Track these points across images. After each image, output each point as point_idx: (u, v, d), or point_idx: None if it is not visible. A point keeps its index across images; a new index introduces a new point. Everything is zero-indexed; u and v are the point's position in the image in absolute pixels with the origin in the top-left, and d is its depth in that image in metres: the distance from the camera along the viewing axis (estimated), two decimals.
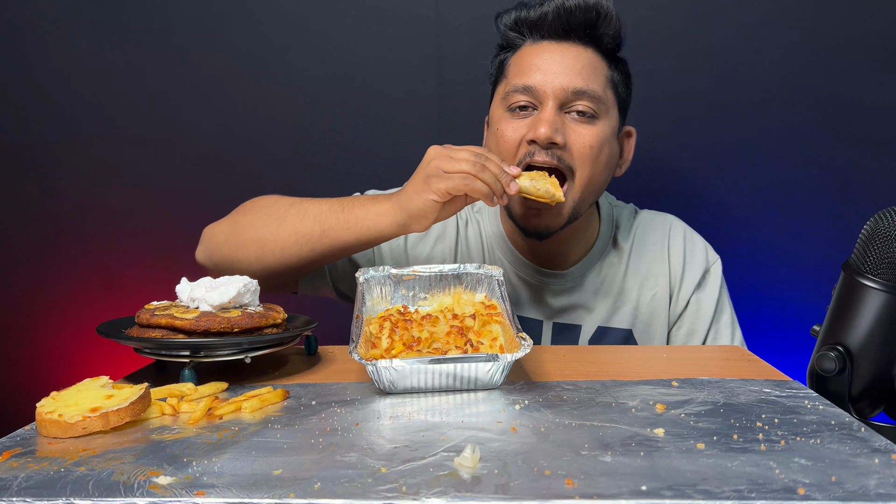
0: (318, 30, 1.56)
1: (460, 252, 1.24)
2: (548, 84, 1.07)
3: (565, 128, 1.07)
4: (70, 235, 1.62)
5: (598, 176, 1.11)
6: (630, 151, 1.21)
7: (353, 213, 1.03)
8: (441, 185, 0.96)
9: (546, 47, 1.11)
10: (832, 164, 1.52)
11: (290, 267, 1.08)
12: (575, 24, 1.09)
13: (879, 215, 0.82)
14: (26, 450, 0.61)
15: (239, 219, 1.14)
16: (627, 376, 0.83)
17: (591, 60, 1.10)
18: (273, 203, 1.11)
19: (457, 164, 0.96)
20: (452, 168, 0.96)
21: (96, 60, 1.57)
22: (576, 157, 1.07)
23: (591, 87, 1.08)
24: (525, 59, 1.11)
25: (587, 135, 1.08)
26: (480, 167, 0.96)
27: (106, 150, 1.60)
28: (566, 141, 1.07)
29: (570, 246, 1.20)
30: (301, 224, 1.05)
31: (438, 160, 0.98)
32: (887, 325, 0.81)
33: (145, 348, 0.82)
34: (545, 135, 1.05)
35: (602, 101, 1.09)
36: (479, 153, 0.98)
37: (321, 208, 1.05)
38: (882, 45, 1.48)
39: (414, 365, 0.73)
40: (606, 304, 1.21)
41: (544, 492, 0.51)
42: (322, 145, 1.59)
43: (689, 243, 1.24)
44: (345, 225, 1.03)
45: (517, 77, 1.11)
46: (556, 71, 1.08)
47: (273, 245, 1.07)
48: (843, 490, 0.51)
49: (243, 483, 0.53)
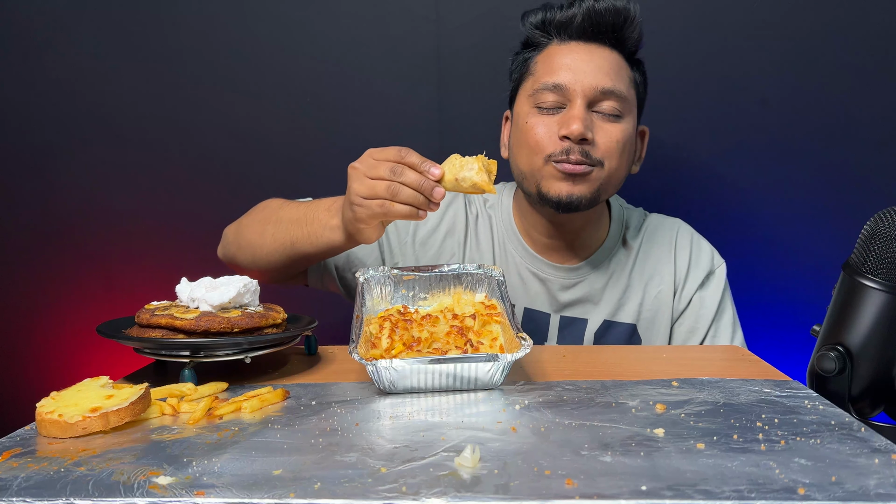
0: (318, 30, 1.55)
1: (469, 246, 1.26)
2: (577, 83, 1.11)
3: (593, 125, 1.11)
4: (70, 235, 1.62)
5: (622, 170, 1.16)
6: (643, 150, 1.25)
7: (313, 227, 1.06)
8: (362, 212, 0.94)
9: (574, 48, 1.14)
10: (832, 164, 1.52)
11: (279, 269, 1.14)
12: (603, 26, 1.12)
13: (879, 215, 0.82)
14: (26, 450, 0.61)
15: (243, 221, 1.19)
16: (627, 376, 0.83)
17: (616, 62, 1.14)
18: (269, 208, 1.16)
19: (372, 187, 0.92)
20: (368, 193, 0.92)
21: (96, 60, 1.57)
22: (603, 152, 1.11)
23: (618, 87, 1.12)
24: (554, 59, 1.14)
25: (614, 132, 1.12)
26: (396, 188, 0.90)
27: (106, 150, 1.60)
28: (594, 137, 1.11)
29: (581, 240, 1.23)
30: (277, 233, 1.10)
31: (356, 182, 0.93)
32: (887, 325, 0.81)
33: (145, 348, 0.82)
34: (578, 131, 1.08)
35: (627, 101, 1.13)
36: (394, 166, 0.91)
37: (293, 217, 1.09)
38: (882, 45, 1.48)
39: (414, 365, 0.73)
40: (612, 299, 1.23)
41: (544, 492, 0.51)
42: (322, 145, 1.59)
43: (696, 247, 1.27)
44: (307, 238, 1.07)
45: (546, 75, 1.13)
46: (585, 70, 1.11)
47: (260, 250, 1.13)
48: (843, 490, 0.51)
49: (243, 483, 0.53)
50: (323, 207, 1.06)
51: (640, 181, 1.45)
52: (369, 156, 0.95)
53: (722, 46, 1.51)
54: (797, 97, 1.51)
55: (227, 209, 1.61)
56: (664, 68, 1.51)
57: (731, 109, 1.52)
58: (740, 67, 1.51)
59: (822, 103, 1.51)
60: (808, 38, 1.49)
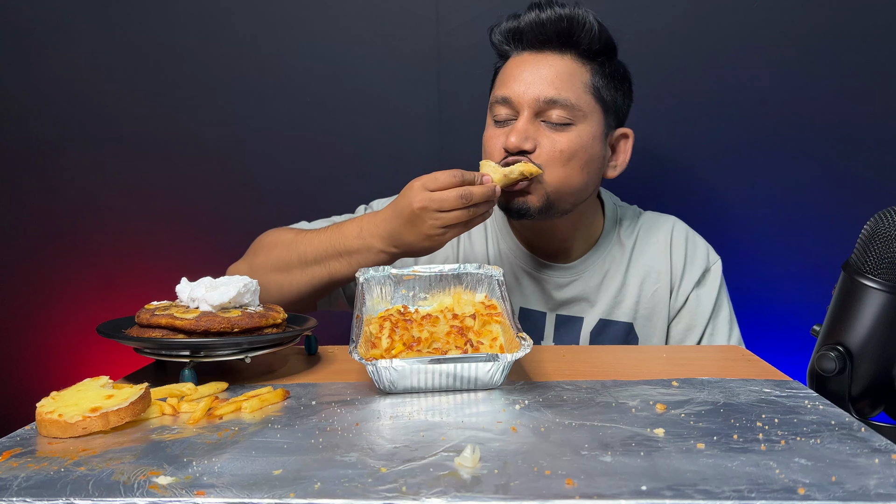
0: (319, 30, 1.55)
1: (463, 247, 1.28)
2: (523, 95, 1.12)
3: (538, 134, 1.12)
4: (70, 236, 1.62)
5: (574, 178, 1.13)
6: (626, 153, 1.22)
7: (361, 257, 1.08)
8: (448, 236, 1.03)
9: (526, 58, 1.15)
10: (832, 164, 1.52)
11: (305, 300, 1.16)
12: (549, 34, 1.13)
13: (879, 215, 0.82)
14: (26, 450, 0.61)
15: (254, 261, 1.19)
16: (627, 376, 0.83)
17: (567, 69, 1.13)
18: (282, 246, 1.16)
19: (449, 215, 1.00)
20: (448, 220, 1.01)
21: (96, 60, 1.57)
22: (545, 159, 1.11)
23: (563, 95, 1.11)
24: (507, 71, 1.17)
25: (559, 140, 1.12)
26: (471, 210, 1.01)
27: (106, 150, 1.60)
28: (537, 146, 1.11)
29: (573, 240, 1.24)
30: (306, 273, 1.12)
31: (428, 214, 1.00)
32: (887, 325, 0.81)
33: (145, 348, 0.82)
34: (513, 143, 1.10)
35: (577, 108, 1.12)
36: (462, 191, 1.00)
37: (323, 251, 1.10)
38: (882, 46, 1.48)
39: (414, 365, 0.73)
40: (608, 297, 1.24)
41: (544, 492, 0.51)
42: (322, 145, 1.59)
43: (691, 244, 1.27)
44: (351, 268, 1.08)
45: (499, 88, 1.17)
46: (529, 81, 1.12)
47: (289, 292, 1.14)
48: (843, 490, 0.51)
49: (243, 483, 0.53)
50: (352, 235, 1.08)
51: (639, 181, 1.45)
52: (424, 188, 1.01)
53: (722, 46, 1.51)
54: (797, 97, 1.51)
55: (227, 209, 1.61)
56: (664, 69, 1.52)
57: (730, 109, 1.52)
58: (740, 67, 1.51)
59: (822, 103, 1.51)
60: (807, 38, 1.49)
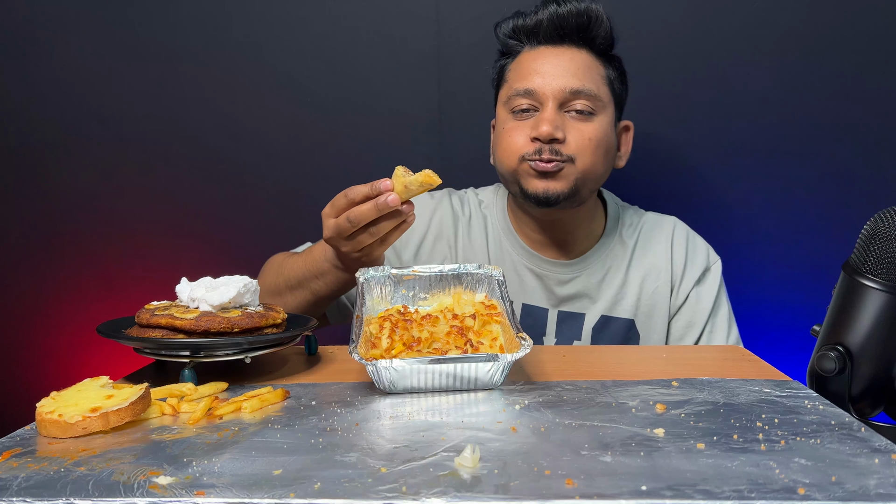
0: (318, 30, 1.55)
1: (462, 246, 1.29)
2: (547, 86, 1.14)
3: (565, 125, 1.15)
4: (69, 235, 1.62)
5: (598, 165, 1.17)
6: (628, 144, 1.26)
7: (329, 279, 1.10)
8: (377, 251, 1.01)
9: (543, 52, 1.18)
10: (832, 164, 1.52)
11: (308, 313, 1.16)
12: (568, 28, 1.16)
13: (879, 215, 0.82)
14: (26, 450, 0.61)
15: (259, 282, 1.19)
16: (627, 376, 0.83)
17: (585, 61, 1.17)
18: (273, 273, 1.19)
19: (356, 244, 0.98)
20: (360, 243, 0.98)
21: (96, 61, 1.57)
22: (574, 149, 1.14)
23: (587, 86, 1.15)
24: (524, 65, 1.18)
25: (586, 130, 1.15)
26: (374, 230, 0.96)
27: (106, 151, 1.60)
28: (566, 136, 1.14)
29: (576, 236, 1.26)
30: (297, 296, 1.14)
31: (337, 242, 1.00)
32: (887, 325, 0.81)
33: (145, 348, 0.82)
34: (547, 131, 1.12)
35: (598, 99, 1.16)
36: (348, 216, 0.95)
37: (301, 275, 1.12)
38: (882, 45, 1.48)
39: (414, 365, 0.73)
40: (609, 294, 1.26)
41: (544, 492, 0.51)
42: (322, 145, 1.59)
43: (692, 244, 1.29)
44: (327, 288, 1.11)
45: (518, 82, 1.17)
46: (553, 73, 1.15)
47: (287, 308, 1.14)
48: (843, 490, 0.51)
49: (243, 483, 0.53)
50: (320, 258, 1.10)
51: (639, 180, 1.45)
52: (326, 216, 1.00)
53: (722, 46, 1.51)
54: (797, 97, 1.51)
55: (227, 209, 1.61)
56: (664, 67, 1.52)
57: (730, 109, 1.52)
58: (740, 67, 1.51)
59: (822, 103, 1.51)
60: (808, 38, 1.49)
